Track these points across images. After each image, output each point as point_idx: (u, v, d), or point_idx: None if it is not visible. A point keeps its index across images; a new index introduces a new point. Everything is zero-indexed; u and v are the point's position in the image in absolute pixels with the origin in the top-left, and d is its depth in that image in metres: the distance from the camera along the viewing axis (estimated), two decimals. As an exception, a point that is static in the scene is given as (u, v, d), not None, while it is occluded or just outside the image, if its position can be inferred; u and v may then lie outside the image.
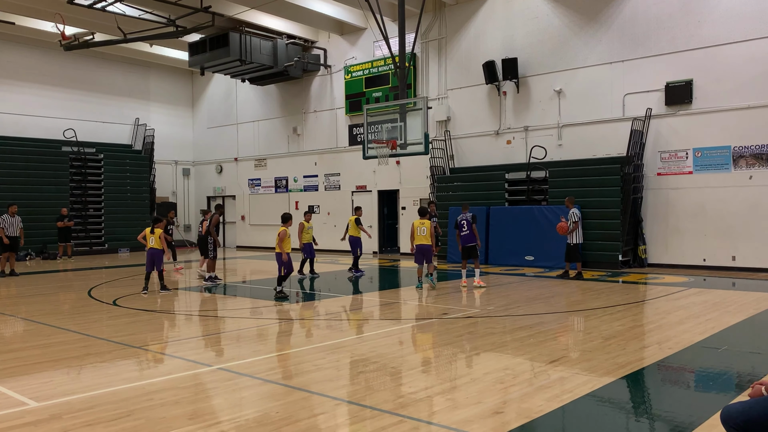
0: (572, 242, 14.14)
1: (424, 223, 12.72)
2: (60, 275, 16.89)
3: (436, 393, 5.52)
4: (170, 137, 28.48)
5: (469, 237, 13.10)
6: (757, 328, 8.65)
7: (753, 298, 10.89)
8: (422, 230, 12.65)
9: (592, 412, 5.12)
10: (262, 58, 22.35)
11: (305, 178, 24.92)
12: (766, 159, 14.80)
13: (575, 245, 14.14)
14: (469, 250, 13.14)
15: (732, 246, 15.26)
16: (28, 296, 12.62)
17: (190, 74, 29.14)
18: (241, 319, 9.83)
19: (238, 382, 6.01)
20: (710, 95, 15.53)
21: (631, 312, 9.72)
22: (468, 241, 13.11)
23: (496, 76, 18.71)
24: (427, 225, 12.68)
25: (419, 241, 12.67)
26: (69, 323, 9.34)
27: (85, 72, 25.80)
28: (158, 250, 12.41)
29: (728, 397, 5.37)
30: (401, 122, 15.27)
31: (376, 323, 9.28)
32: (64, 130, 24.53)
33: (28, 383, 6.05)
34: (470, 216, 13.26)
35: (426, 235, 12.60)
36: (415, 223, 12.91)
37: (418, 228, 12.73)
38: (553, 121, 18.10)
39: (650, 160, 16.43)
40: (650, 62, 16.34)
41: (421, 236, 12.64)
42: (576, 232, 14.02)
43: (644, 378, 6.14)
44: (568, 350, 7.12)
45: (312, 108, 24.50)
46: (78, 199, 24.10)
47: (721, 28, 15.31)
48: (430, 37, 20.69)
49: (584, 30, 17.46)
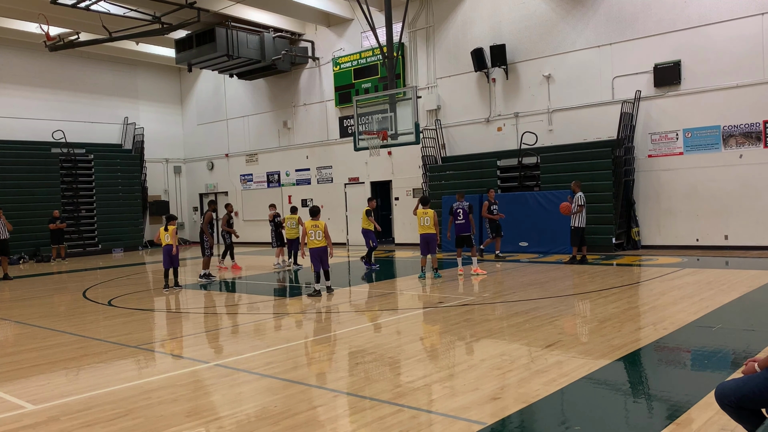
0: (575, 225, 13.98)
1: (427, 213, 12.58)
2: (54, 277, 16.83)
3: (433, 381, 5.54)
4: (160, 135, 28.34)
5: (465, 226, 13.13)
6: (750, 305, 8.71)
7: (746, 276, 10.96)
8: (425, 220, 12.53)
9: (589, 394, 5.15)
10: (249, 53, 22.23)
11: (297, 171, 24.87)
12: (756, 137, 14.86)
13: (578, 228, 13.99)
14: (464, 239, 13.17)
15: (724, 225, 15.34)
16: (22, 299, 12.56)
17: (178, 71, 28.96)
18: (238, 315, 9.83)
19: (236, 377, 6.01)
20: (698, 75, 15.55)
21: (626, 294, 9.77)
22: (463, 229, 13.13)
23: (484, 63, 18.67)
24: (430, 214, 12.55)
25: (423, 230, 12.57)
26: (65, 325, 9.32)
27: (71, 72, 25.59)
28: (171, 246, 12.73)
29: (723, 375, 5.41)
30: (391, 113, 15.24)
31: (372, 314, 9.29)
32: (53, 131, 24.36)
33: (25, 386, 6.04)
34: (467, 205, 13.27)
35: (430, 224, 12.50)
36: (418, 212, 12.79)
37: (421, 218, 12.62)
38: (543, 107, 18.10)
39: (641, 142, 16.46)
40: (638, 44, 16.34)
41: (425, 225, 12.53)
42: (579, 216, 13.91)
43: (640, 359, 6.17)
44: (563, 334, 7.15)
45: (302, 101, 24.41)
46: (70, 200, 23.98)
47: (707, 7, 15.31)
48: (417, 26, 20.61)
49: (571, 14, 17.43)
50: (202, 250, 14.64)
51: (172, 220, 13.01)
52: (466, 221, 13.12)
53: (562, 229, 16.15)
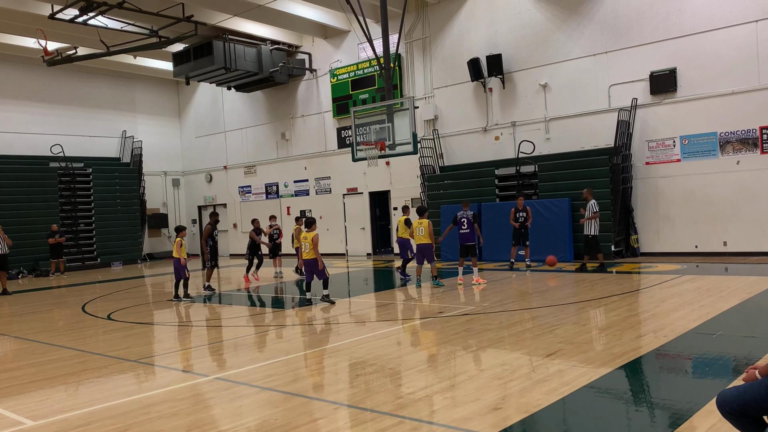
0: (590, 233, 13.89)
1: (422, 223, 12.66)
2: (53, 292, 16.78)
3: (435, 392, 5.52)
4: (158, 148, 28.36)
5: (469, 235, 13.01)
6: (750, 312, 8.70)
7: (745, 282, 10.96)
8: (420, 230, 12.65)
9: (591, 403, 5.14)
10: (247, 65, 22.31)
11: (296, 183, 24.88)
12: (753, 144, 14.90)
13: (593, 237, 13.89)
14: (468, 249, 13.08)
15: (723, 231, 15.35)
16: (21, 315, 12.52)
17: (176, 84, 29.04)
18: (237, 328, 9.80)
19: (235, 390, 5.99)
20: (694, 82, 15.62)
21: (626, 302, 9.76)
22: (467, 239, 13.02)
23: (481, 72, 18.75)
24: (425, 224, 12.61)
25: (418, 240, 12.71)
26: (64, 340, 9.29)
27: (69, 87, 25.65)
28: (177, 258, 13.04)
29: (725, 382, 5.39)
30: (389, 123, 15.26)
31: (372, 325, 9.27)
32: (51, 145, 24.36)
33: (24, 402, 6.01)
34: (471, 214, 13.14)
35: (425, 234, 12.56)
36: (414, 222, 12.96)
37: (416, 228, 12.74)
38: (540, 115, 18.16)
39: (638, 149, 16.50)
40: (633, 52, 16.42)
41: (420, 236, 12.64)
42: (594, 224, 13.80)
43: (641, 367, 6.16)
44: (564, 343, 7.13)
45: (299, 112, 24.46)
46: (68, 214, 23.96)
47: (701, 15, 15.40)
48: (413, 36, 20.71)
49: (567, 23, 17.52)
50: (202, 262, 14.63)
51: (179, 232, 13.26)
52: (471, 231, 13.01)
53: (560, 238, 16.19)
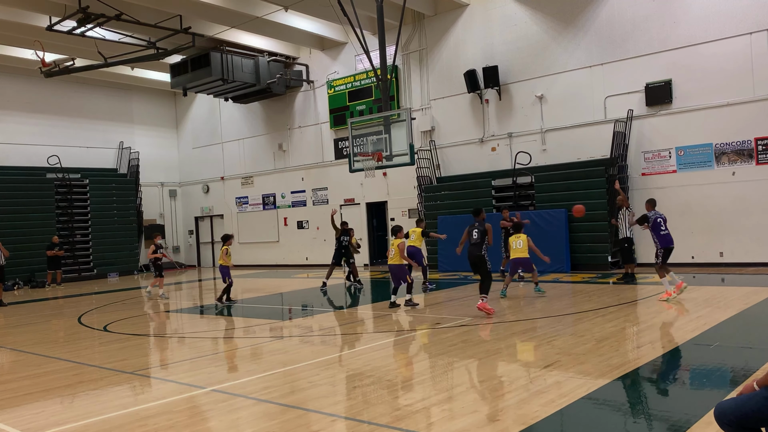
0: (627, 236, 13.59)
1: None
2: (49, 303, 16.71)
3: (432, 404, 5.51)
4: (155, 159, 28.35)
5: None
6: (747, 322, 8.71)
7: (742, 293, 10.97)
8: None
9: (589, 415, 5.13)
10: (244, 77, 22.38)
11: (293, 193, 24.89)
12: (748, 155, 14.98)
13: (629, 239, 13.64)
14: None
15: (719, 242, 15.39)
16: (16, 326, 12.46)
17: (173, 95, 29.09)
18: (234, 339, 9.77)
19: (232, 403, 5.96)
20: (690, 94, 15.71)
21: (623, 312, 9.76)
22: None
23: (477, 84, 18.84)
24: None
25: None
26: (59, 351, 9.24)
27: (67, 98, 25.69)
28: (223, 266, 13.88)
29: (723, 393, 5.39)
30: (386, 134, 15.33)
31: (369, 336, 9.25)
32: (48, 156, 24.34)
33: (20, 415, 5.97)
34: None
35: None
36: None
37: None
38: (537, 127, 18.23)
39: (634, 160, 16.57)
40: (629, 64, 16.53)
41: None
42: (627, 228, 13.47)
43: (639, 378, 6.15)
44: (562, 354, 7.12)
45: (296, 124, 24.52)
46: (65, 225, 23.89)
47: (696, 27, 15.52)
48: (410, 48, 20.81)
49: (563, 35, 17.64)
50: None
51: (226, 240, 14.15)
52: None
53: (557, 248, 16.17)
